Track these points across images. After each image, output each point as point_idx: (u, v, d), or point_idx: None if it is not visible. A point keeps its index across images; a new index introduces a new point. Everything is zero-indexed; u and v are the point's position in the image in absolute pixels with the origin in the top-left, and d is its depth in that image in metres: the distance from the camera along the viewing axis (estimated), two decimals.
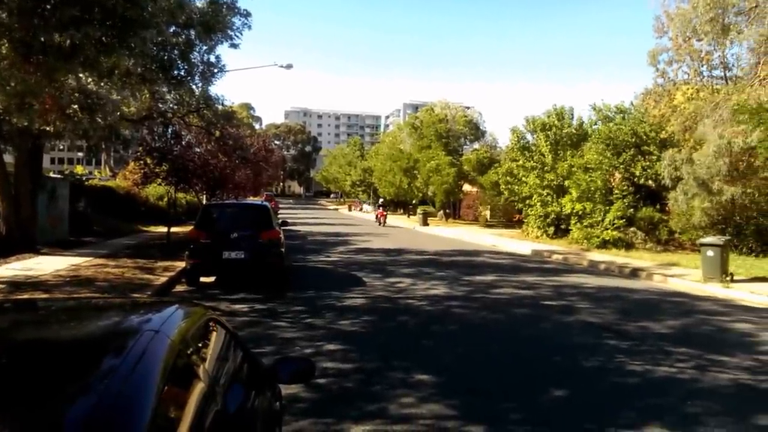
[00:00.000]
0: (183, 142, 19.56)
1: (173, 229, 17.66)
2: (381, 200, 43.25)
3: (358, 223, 38.27)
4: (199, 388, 1.75)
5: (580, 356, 6.38)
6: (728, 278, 12.16)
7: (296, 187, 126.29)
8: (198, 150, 19.95)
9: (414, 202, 47.70)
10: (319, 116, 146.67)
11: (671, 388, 5.33)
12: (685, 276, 13.25)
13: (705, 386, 5.39)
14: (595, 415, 4.58)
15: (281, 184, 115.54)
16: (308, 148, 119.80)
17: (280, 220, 13.64)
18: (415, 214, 41.86)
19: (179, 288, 10.69)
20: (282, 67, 22.65)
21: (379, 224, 35.02)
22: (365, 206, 63.02)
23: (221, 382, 2.04)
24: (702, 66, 20.76)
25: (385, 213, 36.52)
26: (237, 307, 8.79)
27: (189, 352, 1.86)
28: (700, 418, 4.53)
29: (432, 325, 7.94)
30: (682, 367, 6.00)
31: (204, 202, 20.23)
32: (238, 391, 2.21)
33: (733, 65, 20.52)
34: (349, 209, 64.02)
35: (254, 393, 2.41)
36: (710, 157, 16.98)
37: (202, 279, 10.88)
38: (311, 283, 11.20)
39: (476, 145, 45.56)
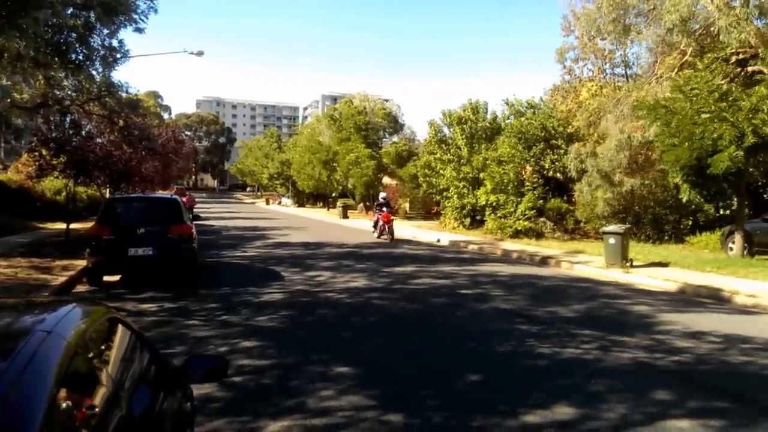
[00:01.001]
0: (83, 132, 18.24)
1: (73, 226, 16.51)
2: (383, 196, 23.11)
3: (277, 216, 37.61)
4: (99, 392, 1.66)
5: (494, 342, 6.60)
6: (628, 264, 13.01)
7: (210, 181, 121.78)
8: (100, 140, 18.66)
9: (333, 195, 47.56)
10: (234, 106, 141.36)
11: (577, 368, 5.62)
12: (589, 263, 14.06)
13: (608, 365, 5.73)
14: (508, 397, 4.74)
15: (194, 177, 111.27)
16: (222, 140, 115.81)
17: (192, 215, 13.11)
18: (334, 207, 41.73)
19: (80, 288, 10.01)
20: (192, 53, 21.62)
21: (381, 234, 21.00)
22: (284, 199, 62.16)
23: (125, 385, 1.95)
24: (605, 64, 22.26)
25: (391, 216, 21.34)
26: (145, 306, 8.34)
27: (88, 354, 1.77)
28: (603, 396, 4.80)
29: (352, 317, 7.93)
30: (587, 348, 6.35)
31: (107, 196, 19.02)
32: (144, 394, 2.12)
33: (633, 63, 22.18)
34: (267, 203, 62.91)
35: (163, 395, 2.32)
36: (612, 151, 18.16)
37: (106, 278, 10.23)
38: (226, 280, 10.84)
39: (395, 138, 46.08)
